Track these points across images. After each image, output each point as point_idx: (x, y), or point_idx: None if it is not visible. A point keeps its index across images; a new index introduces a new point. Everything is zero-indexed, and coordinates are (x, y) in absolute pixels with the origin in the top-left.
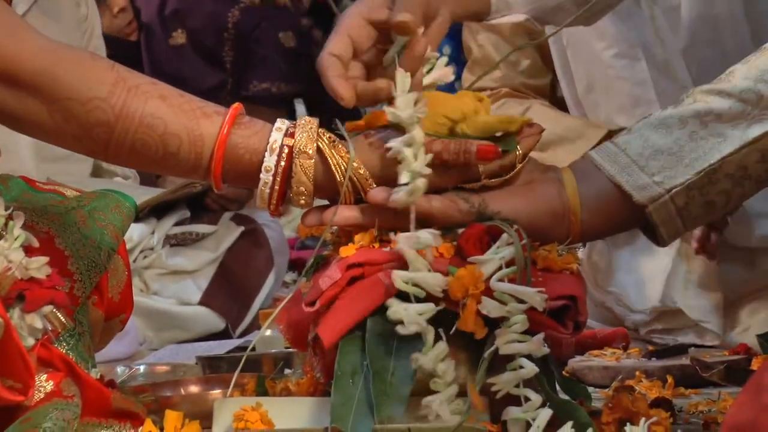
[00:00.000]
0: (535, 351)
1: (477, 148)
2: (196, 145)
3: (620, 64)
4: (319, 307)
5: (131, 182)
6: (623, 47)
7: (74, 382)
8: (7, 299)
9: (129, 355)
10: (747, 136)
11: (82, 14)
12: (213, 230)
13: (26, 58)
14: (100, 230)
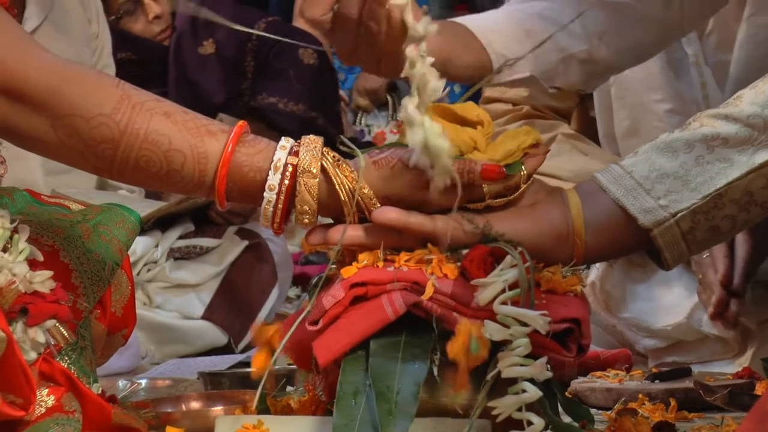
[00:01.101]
0: (538, 375)
1: (481, 168)
2: (200, 163)
3: (673, 120)
4: (322, 327)
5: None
6: (678, 104)
7: (75, 397)
8: (11, 313)
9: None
10: (753, 161)
11: (93, 31)
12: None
13: (32, 74)
14: (104, 244)
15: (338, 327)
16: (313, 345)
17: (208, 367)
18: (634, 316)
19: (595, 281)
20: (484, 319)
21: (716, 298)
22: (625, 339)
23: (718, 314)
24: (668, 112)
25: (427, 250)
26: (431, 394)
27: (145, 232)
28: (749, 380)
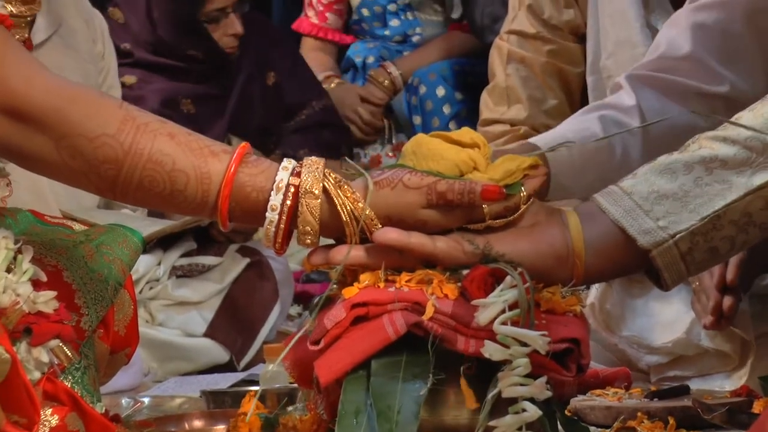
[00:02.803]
0: (538, 394)
1: (481, 189)
2: (203, 183)
3: None
4: (324, 346)
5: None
6: None
7: (79, 416)
8: (15, 333)
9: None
10: (752, 183)
11: (98, 52)
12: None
13: (36, 95)
14: (107, 265)
15: (340, 347)
16: (315, 364)
17: (210, 385)
18: (635, 333)
19: (594, 302)
20: (484, 339)
21: (712, 303)
22: (627, 357)
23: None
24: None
25: (427, 270)
26: (432, 414)
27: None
28: (747, 398)
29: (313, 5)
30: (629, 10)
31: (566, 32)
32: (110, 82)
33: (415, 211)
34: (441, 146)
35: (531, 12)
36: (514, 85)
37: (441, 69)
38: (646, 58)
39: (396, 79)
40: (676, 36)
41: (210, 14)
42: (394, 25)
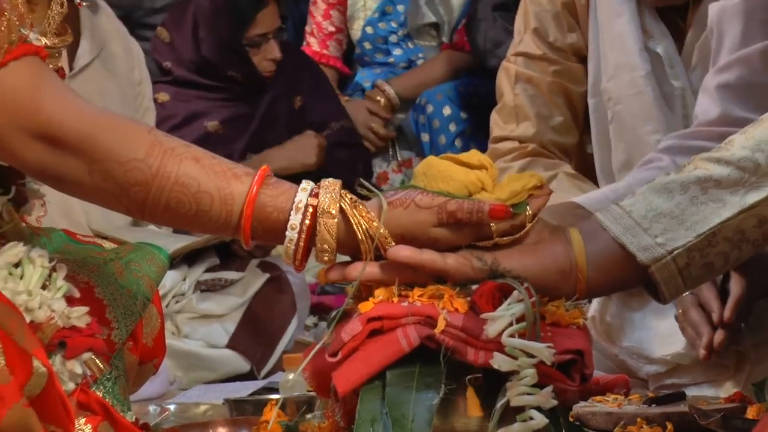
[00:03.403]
0: (544, 403)
1: (489, 208)
2: (227, 203)
3: None
4: (341, 358)
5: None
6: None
7: (111, 425)
8: (50, 346)
9: (160, 395)
10: (745, 202)
11: (136, 78)
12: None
13: (70, 122)
14: (136, 281)
15: (356, 358)
16: (333, 375)
17: (232, 393)
18: (634, 345)
19: (595, 314)
20: (493, 350)
21: (706, 340)
22: (627, 366)
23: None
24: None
25: (438, 285)
26: (444, 421)
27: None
28: (741, 404)
29: (315, 34)
30: (628, 35)
31: (570, 54)
32: (146, 105)
33: (427, 230)
34: (450, 168)
35: (537, 35)
36: (523, 103)
37: (447, 90)
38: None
39: (391, 96)
40: (706, 102)
41: (252, 39)
42: (397, 53)
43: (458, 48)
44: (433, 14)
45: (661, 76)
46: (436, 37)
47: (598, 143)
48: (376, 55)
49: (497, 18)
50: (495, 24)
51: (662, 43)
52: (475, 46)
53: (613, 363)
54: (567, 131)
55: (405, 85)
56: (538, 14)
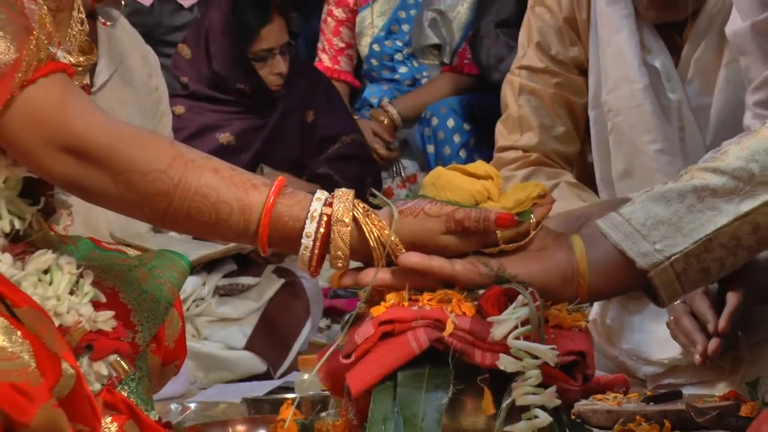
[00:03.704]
0: (548, 402)
1: (495, 217)
2: (245, 213)
3: (662, 159)
4: (354, 360)
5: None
6: (666, 144)
7: (136, 424)
8: (77, 349)
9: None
10: (740, 209)
11: (153, 85)
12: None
13: (95, 136)
14: (158, 286)
15: (369, 360)
16: (347, 376)
17: (249, 392)
18: (633, 347)
19: (596, 317)
20: (499, 352)
21: (701, 348)
22: (626, 367)
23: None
24: (657, 152)
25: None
26: (452, 420)
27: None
28: (735, 402)
29: (326, 50)
30: (628, 50)
31: (571, 67)
32: (163, 109)
33: (436, 237)
34: (458, 178)
35: (540, 49)
36: (526, 114)
37: (450, 103)
38: None
39: (394, 116)
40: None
41: (258, 53)
42: (402, 71)
43: (458, 70)
44: (436, 36)
45: (658, 89)
46: (439, 57)
47: (598, 153)
48: (382, 72)
49: (500, 35)
50: (498, 40)
51: (660, 58)
52: (479, 61)
53: (613, 363)
54: (569, 141)
55: (408, 105)
56: (541, 29)
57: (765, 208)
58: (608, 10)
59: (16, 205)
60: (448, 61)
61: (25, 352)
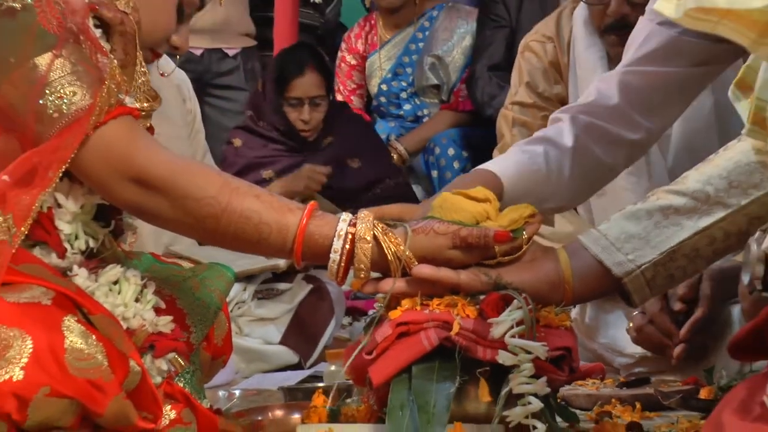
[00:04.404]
0: (540, 390)
1: (494, 234)
2: (282, 232)
3: (631, 180)
4: (375, 356)
5: None
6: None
7: (191, 411)
8: (142, 348)
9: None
10: (698, 225)
11: (188, 108)
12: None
13: (157, 169)
14: (209, 294)
15: (388, 356)
16: (369, 370)
17: (283, 381)
18: (609, 341)
19: (577, 317)
20: (498, 349)
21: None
22: (604, 358)
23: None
24: (627, 174)
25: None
26: (458, 406)
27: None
28: (695, 386)
29: (341, 91)
30: None
31: (555, 102)
32: (197, 127)
33: (444, 252)
34: (461, 201)
35: (529, 87)
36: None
37: (450, 135)
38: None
39: (402, 152)
40: (606, 90)
41: (289, 99)
42: (407, 108)
43: (454, 107)
44: (435, 77)
45: None
46: (438, 96)
47: None
48: (389, 108)
49: (492, 77)
50: (490, 81)
51: None
52: (474, 99)
53: (592, 355)
54: None
55: (413, 141)
56: (529, 71)
57: (720, 224)
58: (585, 54)
59: (90, 227)
60: (446, 99)
61: (99, 353)
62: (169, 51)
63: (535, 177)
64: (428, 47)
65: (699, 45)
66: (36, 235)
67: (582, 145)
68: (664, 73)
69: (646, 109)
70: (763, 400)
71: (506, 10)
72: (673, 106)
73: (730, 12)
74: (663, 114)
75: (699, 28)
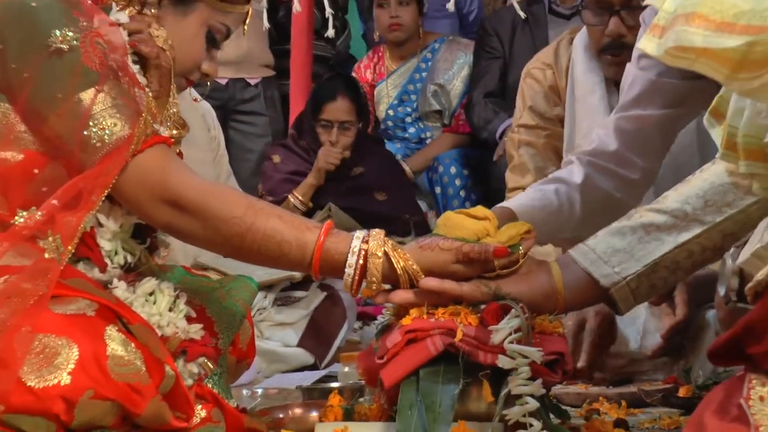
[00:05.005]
0: (536, 392)
1: (493, 249)
2: (301, 249)
3: None
4: (386, 360)
5: None
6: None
7: (220, 410)
8: (175, 353)
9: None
10: (678, 240)
11: (212, 135)
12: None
13: (189, 192)
14: (234, 303)
15: (397, 361)
16: (380, 372)
17: (301, 380)
18: None
19: None
20: (498, 353)
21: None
22: None
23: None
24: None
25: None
26: (462, 406)
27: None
28: (674, 385)
29: None
30: (599, 107)
31: (556, 122)
32: (221, 153)
33: (448, 266)
34: (463, 220)
35: (532, 111)
36: (525, 161)
37: (452, 155)
38: (585, 147)
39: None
40: (605, 136)
41: (321, 122)
42: (411, 131)
43: (455, 130)
44: (437, 103)
45: None
46: (440, 120)
47: None
48: (396, 131)
49: (487, 103)
50: (486, 107)
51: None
52: (471, 123)
53: None
54: None
55: (418, 161)
56: (532, 96)
57: (697, 239)
58: (585, 77)
59: (128, 244)
60: (448, 122)
61: (138, 359)
62: (201, 79)
63: (547, 211)
64: (431, 76)
65: (675, 85)
66: (80, 252)
67: (590, 182)
68: (647, 116)
69: (641, 151)
70: (740, 402)
71: (500, 43)
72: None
73: (706, 51)
74: (655, 153)
75: (678, 65)
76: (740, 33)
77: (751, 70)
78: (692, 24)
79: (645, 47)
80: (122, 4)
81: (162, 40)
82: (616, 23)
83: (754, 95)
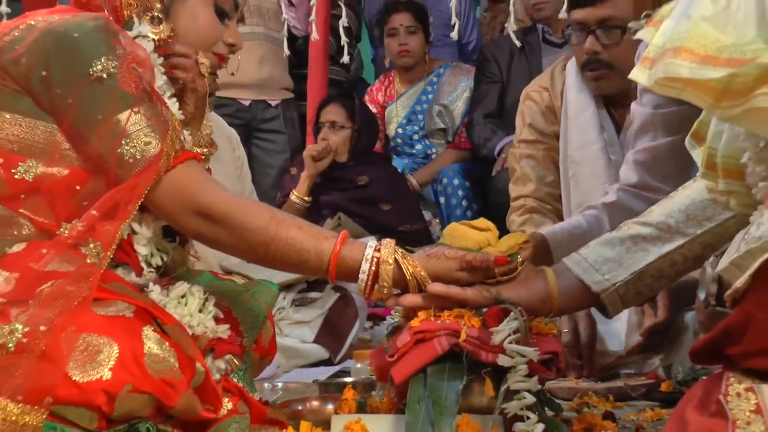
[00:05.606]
0: (533, 387)
1: (494, 258)
2: (319, 257)
3: None
4: (396, 359)
5: None
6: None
7: (245, 402)
8: (204, 351)
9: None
10: (662, 250)
11: (237, 155)
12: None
13: (217, 205)
14: (258, 305)
15: (407, 359)
16: (391, 370)
17: (317, 374)
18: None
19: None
20: (498, 353)
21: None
22: None
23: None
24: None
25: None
26: (465, 400)
27: None
28: (657, 381)
29: None
30: (591, 123)
31: (553, 137)
32: (245, 171)
33: (453, 273)
34: (467, 231)
35: (531, 127)
36: (527, 172)
37: (455, 168)
38: (619, 184)
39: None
40: (626, 170)
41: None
42: (418, 148)
43: (457, 147)
44: (442, 122)
45: (608, 150)
46: (444, 137)
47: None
48: (404, 148)
49: (486, 123)
50: (485, 127)
51: (608, 131)
52: (472, 141)
53: None
54: (556, 185)
55: (424, 175)
56: (531, 114)
57: (679, 250)
58: (577, 97)
59: (161, 244)
60: (452, 139)
61: (172, 357)
62: (229, 51)
63: (576, 231)
64: (436, 98)
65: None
66: (118, 258)
67: (619, 202)
68: (656, 145)
69: (660, 177)
70: (719, 398)
71: (498, 68)
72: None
73: (692, 81)
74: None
75: (667, 93)
76: (723, 65)
77: (732, 99)
78: (679, 57)
79: (636, 78)
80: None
81: (205, 68)
82: (592, 41)
83: (735, 121)
